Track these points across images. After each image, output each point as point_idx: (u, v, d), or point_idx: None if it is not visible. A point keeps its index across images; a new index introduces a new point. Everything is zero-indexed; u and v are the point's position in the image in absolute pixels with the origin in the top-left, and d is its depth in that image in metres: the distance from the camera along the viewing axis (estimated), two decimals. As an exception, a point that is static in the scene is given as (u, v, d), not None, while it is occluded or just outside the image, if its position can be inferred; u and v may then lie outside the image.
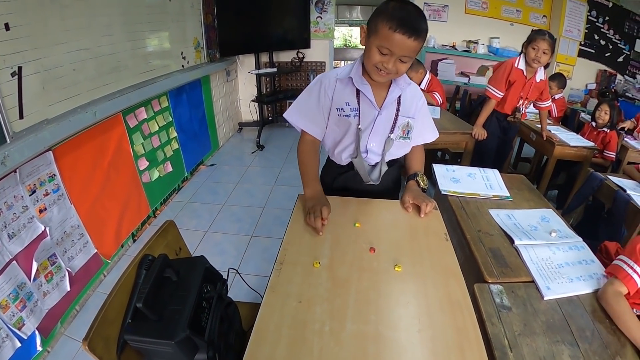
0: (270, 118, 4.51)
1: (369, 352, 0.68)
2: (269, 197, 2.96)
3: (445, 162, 3.44)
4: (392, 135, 1.18)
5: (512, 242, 1.22)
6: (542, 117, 2.65)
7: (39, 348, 1.56)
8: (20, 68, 1.43)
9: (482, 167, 1.73)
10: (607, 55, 4.42)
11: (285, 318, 0.74)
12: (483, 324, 0.91)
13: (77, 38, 1.75)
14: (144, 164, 2.47)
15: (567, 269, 1.10)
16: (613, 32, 4.33)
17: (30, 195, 1.56)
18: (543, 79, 2.46)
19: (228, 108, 4.24)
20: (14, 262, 1.45)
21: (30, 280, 1.53)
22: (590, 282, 1.06)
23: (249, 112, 4.51)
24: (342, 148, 1.22)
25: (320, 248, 0.95)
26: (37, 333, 1.54)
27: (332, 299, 0.79)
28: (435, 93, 3.17)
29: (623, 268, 1.00)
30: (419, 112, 1.23)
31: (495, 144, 2.66)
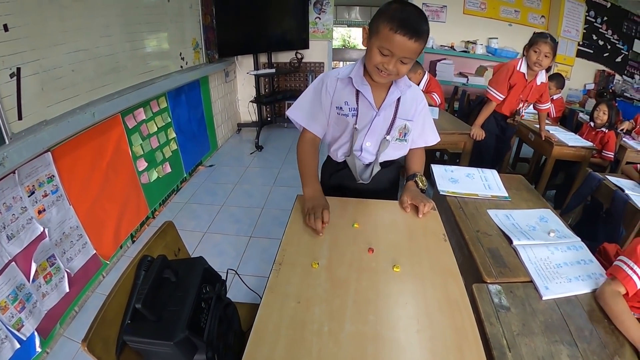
0: (269, 119, 4.51)
1: (368, 352, 0.69)
2: (268, 197, 2.96)
3: (444, 162, 3.44)
4: (388, 137, 1.19)
5: (510, 242, 1.22)
6: (540, 118, 2.65)
7: (38, 349, 1.56)
8: (19, 69, 1.43)
9: (480, 167, 1.73)
10: (605, 56, 4.43)
11: (284, 318, 0.74)
12: (481, 324, 0.91)
13: (75, 39, 1.75)
14: (143, 165, 2.47)
15: (565, 269, 1.11)
16: (611, 32, 4.34)
17: (29, 197, 1.55)
18: (544, 82, 2.45)
19: (227, 109, 4.24)
20: (13, 263, 1.45)
21: (29, 281, 1.53)
22: (589, 282, 1.06)
23: (248, 112, 4.51)
24: (338, 146, 1.24)
25: (319, 249, 0.95)
26: (36, 334, 1.54)
27: (330, 300, 0.79)
28: (434, 94, 3.18)
29: (622, 269, 0.99)
30: (420, 114, 1.24)
31: (494, 143, 2.66)
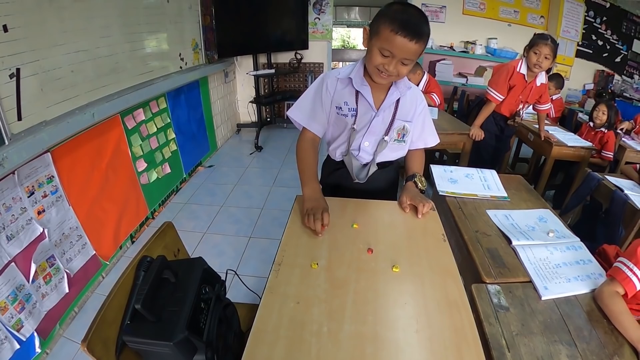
0: (269, 119, 4.51)
1: (367, 352, 0.69)
2: (267, 198, 2.96)
3: (443, 162, 3.45)
4: (386, 138, 1.19)
5: (509, 242, 1.22)
6: (540, 118, 2.65)
7: (38, 350, 1.56)
8: (19, 70, 1.43)
9: (479, 167, 1.73)
10: (604, 56, 4.44)
11: (284, 319, 0.74)
12: (481, 324, 0.91)
13: (75, 39, 1.75)
14: (142, 166, 2.47)
15: (564, 269, 1.11)
16: (611, 32, 4.35)
17: (29, 197, 1.55)
18: (544, 83, 2.44)
19: (226, 109, 4.24)
20: (13, 263, 1.45)
21: (29, 282, 1.53)
22: (588, 282, 1.07)
23: (247, 113, 4.51)
24: (336, 145, 1.25)
25: (318, 249, 0.95)
26: (35, 335, 1.54)
27: (330, 300, 0.79)
28: (433, 94, 3.18)
29: (622, 270, 0.99)
30: (419, 116, 1.24)
31: (493, 143, 2.66)
